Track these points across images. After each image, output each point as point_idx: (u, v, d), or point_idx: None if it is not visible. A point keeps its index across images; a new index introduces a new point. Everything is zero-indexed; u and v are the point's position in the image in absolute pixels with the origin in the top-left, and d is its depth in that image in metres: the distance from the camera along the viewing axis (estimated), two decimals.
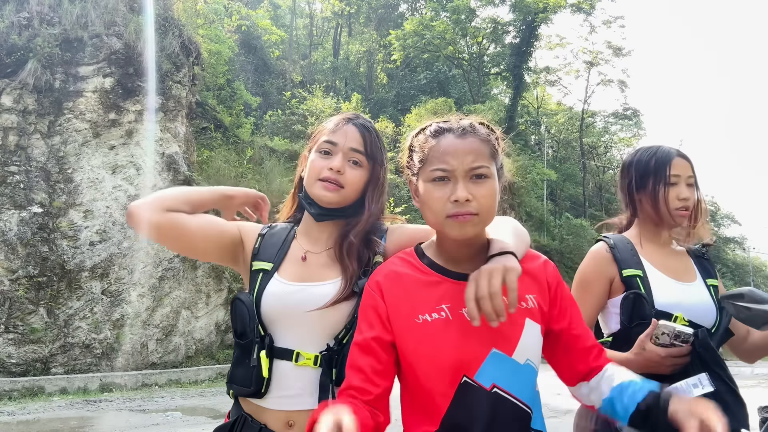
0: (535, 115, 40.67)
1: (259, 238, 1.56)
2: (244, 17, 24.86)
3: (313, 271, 1.48)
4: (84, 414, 7.66)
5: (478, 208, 1.22)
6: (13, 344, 9.21)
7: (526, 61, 35.20)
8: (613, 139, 45.02)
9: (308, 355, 1.41)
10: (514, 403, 1.22)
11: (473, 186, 1.22)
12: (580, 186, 38.86)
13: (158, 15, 12.25)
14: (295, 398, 1.41)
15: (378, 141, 1.54)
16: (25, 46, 10.59)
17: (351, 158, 1.49)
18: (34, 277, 9.64)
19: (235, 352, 1.49)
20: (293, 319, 1.42)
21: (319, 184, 1.47)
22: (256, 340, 1.42)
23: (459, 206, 1.21)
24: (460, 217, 1.21)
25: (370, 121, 1.59)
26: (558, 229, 29.39)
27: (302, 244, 1.54)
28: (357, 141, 1.49)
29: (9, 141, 10.17)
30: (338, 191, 1.47)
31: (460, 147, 1.24)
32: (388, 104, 30.71)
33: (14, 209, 9.82)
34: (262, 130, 21.21)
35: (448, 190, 1.23)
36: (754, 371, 20.06)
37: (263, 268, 1.49)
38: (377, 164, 1.52)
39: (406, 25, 32.51)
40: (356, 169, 1.49)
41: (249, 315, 1.44)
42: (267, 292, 1.45)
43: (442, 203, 1.23)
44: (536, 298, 1.29)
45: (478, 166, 1.23)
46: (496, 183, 1.26)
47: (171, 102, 12.31)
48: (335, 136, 1.50)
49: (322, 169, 1.47)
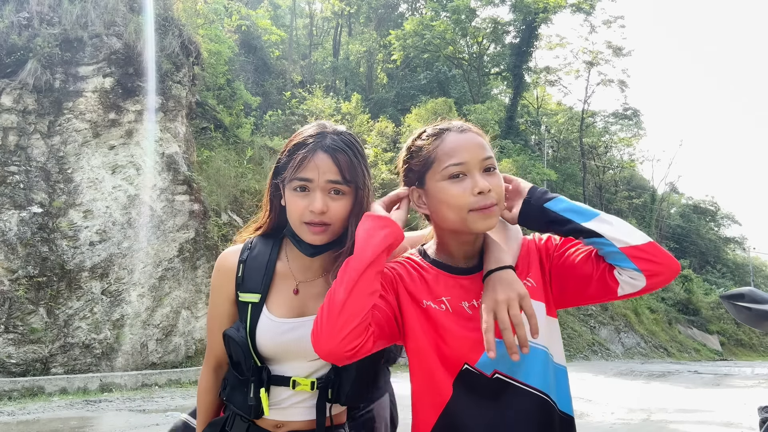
0: (535, 115, 40.67)
1: (240, 265, 1.46)
2: (244, 17, 24.86)
3: (308, 303, 1.43)
4: (84, 414, 7.65)
5: (497, 198, 1.24)
6: (13, 344, 9.21)
7: (526, 61, 35.22)
8: (613, 139, 45.05)
9: (305, 381, 1.41)
10: (522, 389, 1.23)
11: (489, 177, 1.24)
12: (580, 186, 38.87)
13: (158, 15, 12.25)
14: (288, 410, 1.43)
15: (356, 158, 1.37)
16: (25, 46, 10.59)
17: (330, 189, 1.34)
18: (34, 277, 9.64)
19: (232, 376, 1.46)
20: (291, 354, 1.41)
21: (305, 227, 1.36)
22: (252, 379, 1.39)
23: (482, 198, 1.22)
24: (485, 209, 1.22)
25: (341, 132, 1.40)
26: None
27: (293, 273, 1.45)
28: (332, 171, 1.33)
29: (9, 141, 10.17)
30: (326, 231, 1.36)
31: (468, 141, 1.26)
32: (388, 104, 30.70)
33: (14, 209, 9.82)
34: (262, 130, 21.20)
35: (467, 184, 1.23)
36: (754, 371, 20.05)
37: (251, 301, 1.42)
38: (359, 188, 1.37)
39: (406, 25, 32.53)
40: (339, 200, 1.35)
41: (243, 353, 1.40)
42: (260, 329, 1.40)
43: (464, 199, 1.22)
44: (532, 275, 1.30)
45: (488, 157, 1.26)
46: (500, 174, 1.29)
47: (171, 102, 12.30)
48: (307, 172, 1.33)
49: (303, 211, 1.34)
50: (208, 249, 12.07)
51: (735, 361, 29.67)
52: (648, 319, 30.00)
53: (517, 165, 24.97)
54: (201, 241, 11.95)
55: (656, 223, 42.00)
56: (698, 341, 32.59)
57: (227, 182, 14.25)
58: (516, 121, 35.49)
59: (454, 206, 1.23)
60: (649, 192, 43.52)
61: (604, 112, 43.58)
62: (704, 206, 50.19)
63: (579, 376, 13.84)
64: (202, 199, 12.30)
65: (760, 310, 1.58)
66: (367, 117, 23.61)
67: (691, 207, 50.35)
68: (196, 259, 11.77)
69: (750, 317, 1.61)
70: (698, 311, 34.55)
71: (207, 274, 11.96)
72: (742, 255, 52.49)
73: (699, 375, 17.25)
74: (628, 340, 26.98)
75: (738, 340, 35.26)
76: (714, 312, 34.83)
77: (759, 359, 32.06)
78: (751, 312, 1.60)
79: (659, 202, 43.67)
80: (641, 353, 26.50)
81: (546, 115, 43.25)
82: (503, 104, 37.37)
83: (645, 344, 27.67)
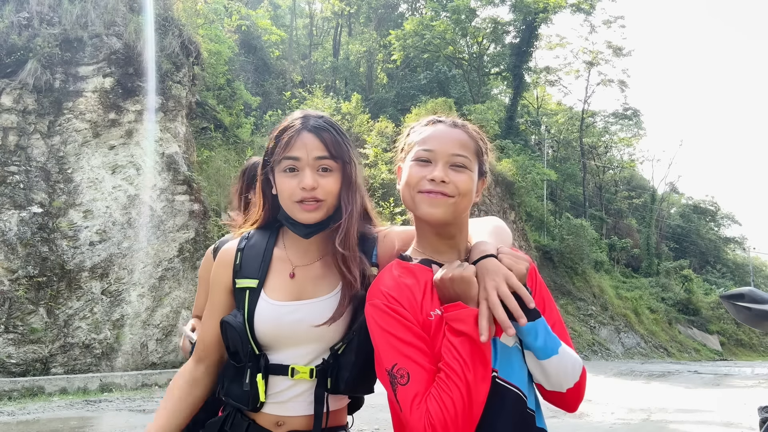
0: (535, 115, 40.67)
1: (238, 253, 1.48)
2: (244, 17, 24.86)
3: (305, 287, 1.44)
4: (84, 414, 7.65)
5: (453, 191, 1.28)
6: (13, 344, 9.21)
7: (526, 61, 35.20)
8: (613, 139, 45.08)
9: (304, 369, 1.40)
10: (507, 388, 1.23)
11: (452, 172, 1.29)
12: (580, 186, 38.90)
13: (158, 15, 12.25)
14: (287, 404, 1.42)
15: (340, 136, 1.42)
16: (25, 46, 10.59)
17: (319, 166, 1.39)
18: (34, 277, 9.64)
19: (230, 369, 1.47)
20: (290, 338, 1.41)
21: (297, 206, 1.39)
22: (248, 365, 1.40)
23: (434, 185, 1.27)
24: (432, 194, 1.27)
25: (322, 115, 1.46)
26: (558, 229, 29.36)
27: (290, 258, 1.47)
28: (319, 148, 1.38)
29: (9, 141, 10.17)
30: (319, 207, 1.39)
31: (446, 134, 1.33)
32: (388, 104, 30.69)
33: (14, 209, 9.83)
34: (262, 130, 21.19)
35: (428, 171, 1.29)
36: (754, 371, 20.07)
37: (248, 286, 1.43)
38: (346, 162, 1.42)
39: (406, 25, 32.50)
40: (328, 176, 1.40)
41: (241, 340, 1.39)
42: (259, 314, 1.40)
43: (418, 179, 1.29)
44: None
45: (460, 155, 1.30)
46: (474, 177, 1.32)
47: (171, 102, 12.30)
48: (295, 151, 1.38)
49: (294, 190, 1.38)
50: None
51: (735, 361, 29.67)
52: (648, 319, 30.00)
53: (517, 165, 24.96)
54: (201, 241, 11.95)
55: (656, 223, 42.00)
56: (698, 341, 32.58)
57: (227, 182, 14.24)
58: (516, 121, 35.48)
59: (410, 184, 1.30)
60: (649, 192, 43.52)
61: (604, 112, 43.64)
62: (704, 206, 50.19)
63: None
64: (202, 199, 12.30)
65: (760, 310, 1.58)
66: (367, 117, 23.60)
67: (691, 207, 50.37)
68: (196, 259, 11.77)
69: (750, 317, 1.61)
70: (698, 311, 34.55)
71: None
72: (742, 255, 52.51)
73: (699, 375, 17.26)
74: (628, 340, 26.98)
75: (738, 340, 35.26)
76: (714, 312, 34.83)
77: (759, 359, 32.07)
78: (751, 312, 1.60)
79: (659, 202, 43.67)
80: (641, 353, 26.50)
81: (546, 115, 43.26)
82: (503, 104, 37.37)
83: (645, 344, 27.67)
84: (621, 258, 37.61)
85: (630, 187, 46.70)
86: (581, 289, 26.91)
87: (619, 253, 36.94)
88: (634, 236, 40.21)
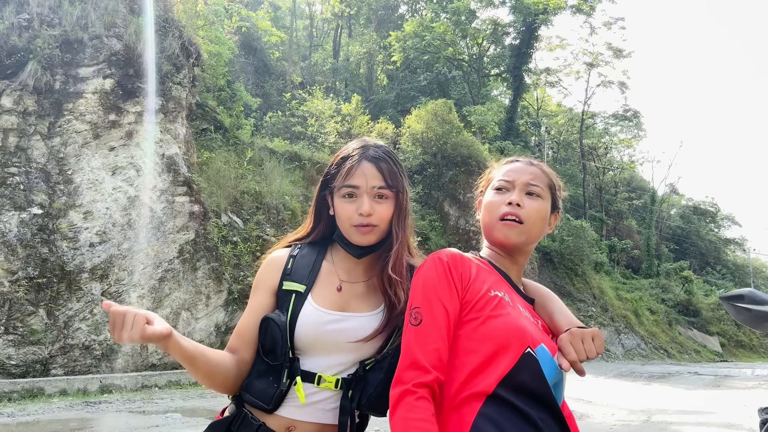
0: (535, 117, 40.72)
1: (290, 259, 1.56)
2: (244, 18, 24.88)
3: (350, 301, 1.51)
4: (84, 415, 7.65)
5: (525, 217, 1.44)
6: (12, 345, 9.21)
7: (526, 62, 35.24)
8: (614, 140, 45.08)
9: (330, 378, 1.44)
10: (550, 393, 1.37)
11: (527, 199, 1.47)
12: (581, 187, 38.86)
13: (158, 16, 12.25)
14: (304, 408, 1.44)
15: (395, 166, 1.54)
16: (25, 47, 10.59)
17: (375, 194, 1.50)
18: (34, 279, 9.64)
19: (258, 365, 1.49)
20: (326, 347, 1.45)
21: (354, 229, 1.49)
22: (286, 364, 1.43)
23: (510, 207, 1.45)
24: (507, 220, 1.44)
25: (381, 145, 1.57)
26: (558, 230, 29.33)
27: (338, 273, 1.56)
28: (377, 178, 1.49)
29: (9, 142, 10.17)
30: (373, 231, 1.50)
31: (523, 168, 1.53)
32: (388, 105, 30.71)
33: (14, 210, 9.83)
34: (262, 131, 21.22)
35: (507, 197, 1.47)
36: (755, 372, 20.08)
37: (296, 290, 1.50)
38: (400, 192, 1.53)
39: (406, 26, 32.55)
40: (383, 203, 1.50)
41: (282, 338, 1.43)
42: (303, 317, 1.46)
43: (497, 205, 1.48)
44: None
45: (535, 184, 1.49)
46: (547, 207, 1.50)
47: (171, 103, 12.31)
48: (355, 179, 1.49)
49: (352, 214, 1.49)
50: (208, 250, 12.07)
51: (735, 362, 29.66)
52: (648, 321, 29.98)
53: None
54: (201, 243, 11.95)
55: (656, 224, 42.01)
56: (698, 342, 32.56)
57: (227, 183, 14.26)
58: (516, 122, 35.51)
59: (489, 210, 1.50)
60: (649, 193, 43.52)
61: (604, 114, 43.65)
62: (704, 207, 50.17)
63: (579, 378, 13.81)
64: (202, 200, 12.30)
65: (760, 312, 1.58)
66: (367, 118, 23.61)
67: (691, 208, 50.34)
68: (196, 260, 11.77)
69: (750, 318, 1.61)
70: (698, 312, 34.53)
71: (207, 275, 11.97)
72: (743, 256, 52.49)
73: (699, 376, 17.25)
74: (628, 341, 26.97)
75: (738, 341, 35.24)
76: (714, 313, 34.81)
77: (759, 360, 32.05)
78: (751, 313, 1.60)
79: (659, 203, 43.68)
80: (641, 354, 26.50)
81: (546, 117, 43.30)
82: (503, 105, 37.39)
83: (645, 345, 27.66)
84: (621, 259, 37.61)
85: (630, 188, 46.68)
86: (581, 291, 26.90)
87: (619, 255, 36.94)
88: (634, 237, 40.21)
